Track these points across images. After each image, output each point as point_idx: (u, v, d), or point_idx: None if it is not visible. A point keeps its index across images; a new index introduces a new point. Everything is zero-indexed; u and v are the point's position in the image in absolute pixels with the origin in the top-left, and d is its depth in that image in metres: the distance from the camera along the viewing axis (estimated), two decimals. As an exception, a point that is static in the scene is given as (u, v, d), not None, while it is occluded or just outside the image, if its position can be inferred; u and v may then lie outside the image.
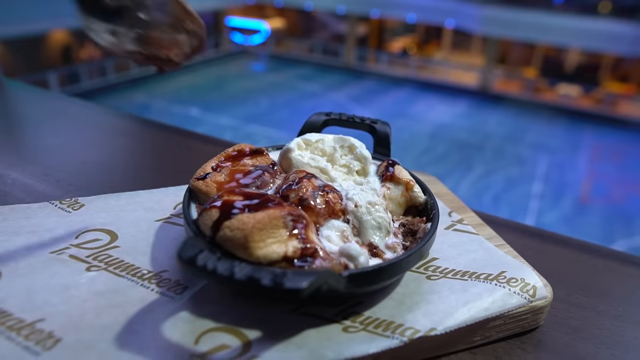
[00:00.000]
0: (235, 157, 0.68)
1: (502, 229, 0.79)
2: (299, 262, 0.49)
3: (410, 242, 0.60)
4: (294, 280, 0.41)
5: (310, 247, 0.50)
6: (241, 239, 0.48)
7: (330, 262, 0.50)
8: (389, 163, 0.69)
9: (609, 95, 14.79)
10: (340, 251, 0.52)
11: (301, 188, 0.57)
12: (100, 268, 0.57)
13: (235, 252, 0.48)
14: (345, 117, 0.83)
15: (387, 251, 0.58)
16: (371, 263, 0.54)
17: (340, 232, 0.56)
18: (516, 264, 0.62)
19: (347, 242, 0.55)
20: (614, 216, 8.56)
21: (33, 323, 0.48)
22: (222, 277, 0.42)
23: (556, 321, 0.62)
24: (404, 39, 19.43)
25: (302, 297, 0.41)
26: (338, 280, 0.47)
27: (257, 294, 0.53)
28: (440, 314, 0.52)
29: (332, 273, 0.46)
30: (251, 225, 0.48)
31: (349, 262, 0.51)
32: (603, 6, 14.87)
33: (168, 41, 0.55)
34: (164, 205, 0.73)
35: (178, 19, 0.55)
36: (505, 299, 0.56)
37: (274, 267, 0.47)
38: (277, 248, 0.49)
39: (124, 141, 1.18)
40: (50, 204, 0.71)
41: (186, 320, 0.50)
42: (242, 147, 0.70)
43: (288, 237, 0.50)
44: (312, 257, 0.50)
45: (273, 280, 0.41)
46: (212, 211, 0.51)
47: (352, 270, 0.49)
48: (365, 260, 0.52)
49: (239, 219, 0.49)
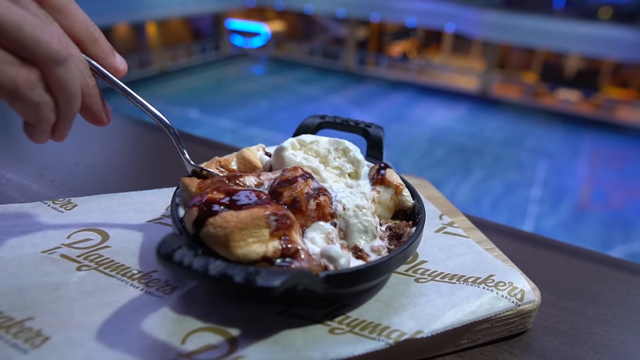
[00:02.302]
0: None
1: (493, 232, 0.79)
2: (279, 263, 0.49)
3: (395, 246, 0.60)
4: (266, 279, 0.41)
5: (291, 247, 0.50)
6: (222, 237, 0.48)
7: (311, 262, 0.50)
8: (380, 166, 0.69)
9: (609, 101, 14.83)
10: (321, 252, 0.52)
11: (296, 188, 0.57)
12: (90, 268, 0.58)
13: (216, 250, 0.49)
14: (339, 120, 0.83)
15: (372, 254, 0.58)
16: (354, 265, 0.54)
17: (325, 235, 0.56)
18: (505, 268, 0.63)
19: (331, 245, 0.55)
20: (612, 222, 8.57)
21: (22, 321, 0.49)
22: (196, 273, 0.42)
23: (545, 325, 0.62)
24: (403, 43, 19.47)
25: (274, 295, 0.41)
26: (314, 280, 0.47)
27: (236, 293, 0.54)
28: (427, 317, 0.53)
29: (308, 273, 0.46)
30: (233, 224, 0.48)
31: (329, 264, 0.51)
32: (603, 11, 14.92)
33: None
34: (156, 207, 0.73)
35: None
36: (493, 303, 0.56)
37: (254, 266, 0.48)
38: (258, 248, 0.49)
39: (119, 142, 1.19)
40: (43, 203, 0.71)
41: (174, 319, 0.50)
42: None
43: (270, 237, 0.50)
44: (292, 258, 0.50)
45: (245, 278, 0.41)
46: (196, 208, 0.52)
47: (329, 272, 0.49)
48: (345, 263, 0.52)
49: (223, 216, 0.49)
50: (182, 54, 17.51)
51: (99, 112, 0.55)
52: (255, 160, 0.70)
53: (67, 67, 0.46)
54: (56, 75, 0.45)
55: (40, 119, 0.48)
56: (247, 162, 0.70)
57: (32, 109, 0.46)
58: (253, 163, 0.70)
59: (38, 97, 0.45)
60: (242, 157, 0.70)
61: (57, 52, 0.44)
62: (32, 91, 0.44)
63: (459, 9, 15.75)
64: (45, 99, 0.46)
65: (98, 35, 0.52)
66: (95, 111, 0.54)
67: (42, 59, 0.44)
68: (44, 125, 0.49)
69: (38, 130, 0.49)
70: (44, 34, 0.43)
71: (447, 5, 15.98)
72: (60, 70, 0.45)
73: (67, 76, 0.46)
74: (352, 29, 18.45)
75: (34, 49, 0.42)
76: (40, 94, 0.45)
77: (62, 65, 0.45)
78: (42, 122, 0.48)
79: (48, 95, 0.46)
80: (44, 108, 0.47)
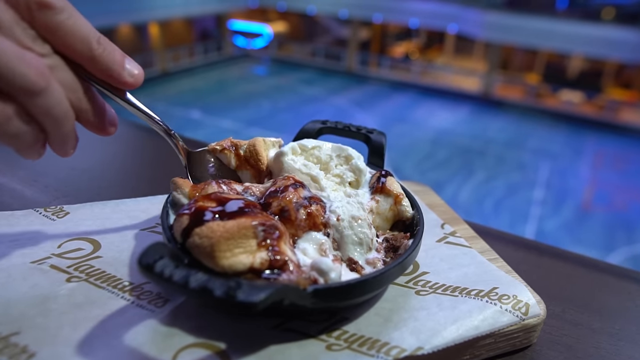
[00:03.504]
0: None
1: (496, 241, 0.77)
2: (266, 274, 0.47)
3: (391, 258, 0.58)
4: (247, 293, 0.39)
5: (279, 259, 0.48)
6: (208, 247, 0.46)
7: (299, 275, 0.48)
8: (381, 174, 0.67)
9: (612, 102, 14.78)
10: (312, 265, 0.50)
11: (284, 198, 0.56)
12: (80, 279, 0.56)
13: (202, 260, 0.47)
14: (341, 126, 0.82)
15: (367, 267, 0.56)
16: (349, 278, 0.52)
17: (317, 245, 0.54)
18: (509, 280, 0.61)
19: (324, 256, 0.53)
20: (615, 224, 8.52)
21: (7, 336, 0.47)
22: (176, 285, 0.41)
23: (550, 339, 0.60)
24: (406, 44, 19.45)
25: (256, 311, 0.39)
26: (301, 295, 0.45)
27: (217, 308, 0.52)
28: (428, 332, 0.51)
29: (294, 287, 0.44)
30: (219, 234, 0.46)
31: (319, 277, 0.49)
32: (606, 12, 14.88)
33: None
34: (150, 214, 0.71)
35: None
36: (496, 317, 0.54)
37: (240, 278, 0.46)
38: (244, 259, 0.47)
39: (117, 147, 1.17)
40: (35, 211, 0.69)
41: (165, 334, 0.48)
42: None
43: (257, 247, 0.48)
44: (280, 270, 0.48)
45: (226, 293, 0.39)
46: (185, 217, 0.50)
47: (317, 286, 0.47)
48: (336, 276, 0.50)
49: (209, 226, 0.47)
50: (184, 54, 17.53)
51: (99, 123, 0.53)
52: (263, 155, 0.68)
53: (47, 95, 0.43)
54: (36, 104, 0.43)
55: (23, 147, 0.46)
56: (254, 154, 0.68)
57: (11, 139, 0.44)
58: (259, 156, 0.68)
59: (15, 129, 0.43)
60: (253, 147, 0.69)
61: (34, 83, 0.42)
62: (8, 124, 0.42)
63: (462, 9, 15.72)
64: (24, 129, 0.44)
65: (101, 51, 0.49)
66: (93, 124, 0.52)
67: (17, 91, 0.41)
68: (30, 150, 0.47)
69: (26, 153, 0.48)
70: (21, 64, 0.41)
71: (450, 6, 15.96)
72: (40, 100, 0.43)
73: (49, 104, 0.44)
74: (354, 29, 18.44)
75: (8, 81, 0.40)
76: (17, 126, 0.43)
77: (41, 95, 0.43)
78: (26, 149, 0.47)
79: (28, 125, 0.44)
80: (24, 137, 0.45)
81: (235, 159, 0.69)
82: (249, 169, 0.69)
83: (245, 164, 0.69)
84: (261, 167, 0.68)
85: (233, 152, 0.69)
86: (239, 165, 0.70)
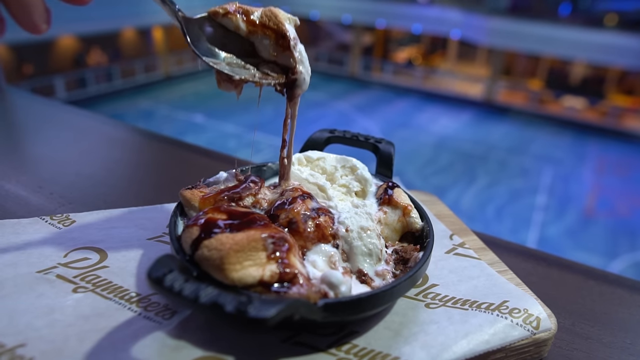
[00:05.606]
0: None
1: (504, 252, 0.76)
2: (276, 288, 0.47)
3: (401, 271, 0.57)
4: (259, 309, 0.39)
5: (289, 272, 0.48)
6: (217, 260, 0.46)
7: (309, 288, 0.48)
8: (388, 185, 0.67)
9: (614, 108, 14.74)
10: (322, 278, 0.49)
11: (292, 209, 0.55)
12: (87, 289, 0.55)
13: (211, 273, 0.47)
14: (349, 135, 0.81)
15: (376, 278, 0.55)
16: (359, 290, 0.51)
17: (327, 258, 0.54)
18: (519, 293, 0.60)
19: (333, 268, 0.53)
20: (618, 230, 8.48)
21: (13, 348, 0.46)
22: (187, 300, 0.40)
23: (560, 353, 0.60)
24: (409, 50, 19.47)
25: (268, 327, 0.39)
26: (312, 309, 0.45)
27: (228, 323, 0.51)
28: (438, 347, 0.50)
29: (305, 302, 0.44)
30: (228, 246, 0.46)
31: (329, 290, 0.48)
32: (609, 19, 14.88)
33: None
34: (157, 223, 0.71)
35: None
36: (507, 331, 0.53)
37: (250, 291, 0.45)
38: (254, 271, 0.46)
39: (121, 153, 1.17)
40: (41, 219, 0.69)
41: (173, 347, 0.48)
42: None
43: (267, 260, 0.47)
44: (290, 283, 0.47)
45: (237, 308, 0.39)
46: (194, 228, 0.50)
47: (327, 300, 0.47)
48: (346, 290, 0.49)
49: (218, 238, 0.47)
50: (187, 59, 17.57)
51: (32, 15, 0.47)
52: (282, 18, 0.62)
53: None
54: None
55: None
56: (272, 17, 0.61)
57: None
58: (279, 18, 0.61)
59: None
60: (269, 11, 0.62)
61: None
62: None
63: (465, 15, 15.73)
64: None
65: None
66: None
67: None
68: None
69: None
70: None
71: (453, 12, 15.97)
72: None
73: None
74: (357, 35, 18.47)
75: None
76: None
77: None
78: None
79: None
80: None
81: (246, 24, 0.62)
82: (268, 34, 0.62)
83: (262, 28, 0.62)
84: (283, 29, 0.61)
85: (240, 17, 0.62)
86: (252, 30, 0.62)
